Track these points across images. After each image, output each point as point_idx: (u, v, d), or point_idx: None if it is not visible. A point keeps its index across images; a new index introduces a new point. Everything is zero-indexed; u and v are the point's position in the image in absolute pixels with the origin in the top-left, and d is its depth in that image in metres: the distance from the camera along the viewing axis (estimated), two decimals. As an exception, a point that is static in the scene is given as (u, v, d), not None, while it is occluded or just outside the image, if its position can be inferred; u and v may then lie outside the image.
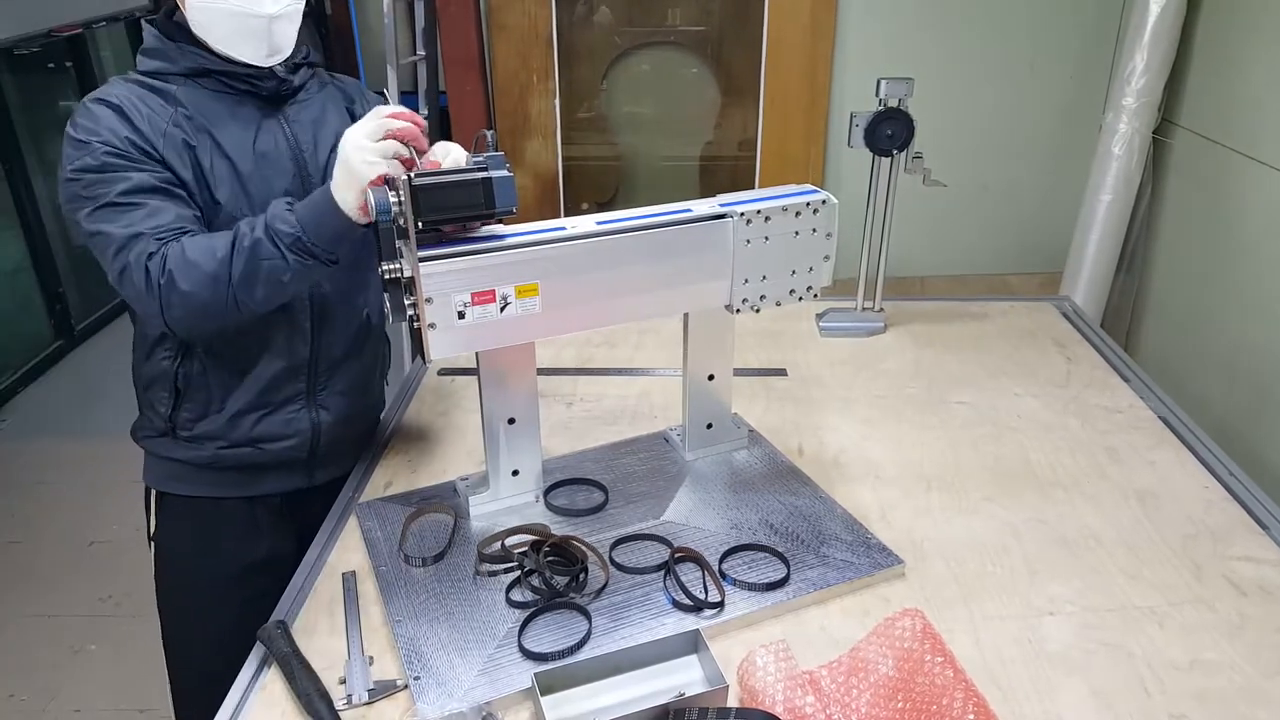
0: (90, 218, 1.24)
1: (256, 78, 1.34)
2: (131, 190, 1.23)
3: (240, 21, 1.28)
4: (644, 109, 3.31)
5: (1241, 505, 1.44)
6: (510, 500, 1.42)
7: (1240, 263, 2.24)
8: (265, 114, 1.36)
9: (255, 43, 1.30)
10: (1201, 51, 2.44)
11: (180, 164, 1.29)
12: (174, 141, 1.28)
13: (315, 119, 1.41)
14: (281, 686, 1.12)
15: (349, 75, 1.55)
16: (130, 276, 1.22)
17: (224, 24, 1.28)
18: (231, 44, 1.30)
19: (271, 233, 1.20)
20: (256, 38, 1.30)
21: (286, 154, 1.37)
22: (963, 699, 1.02)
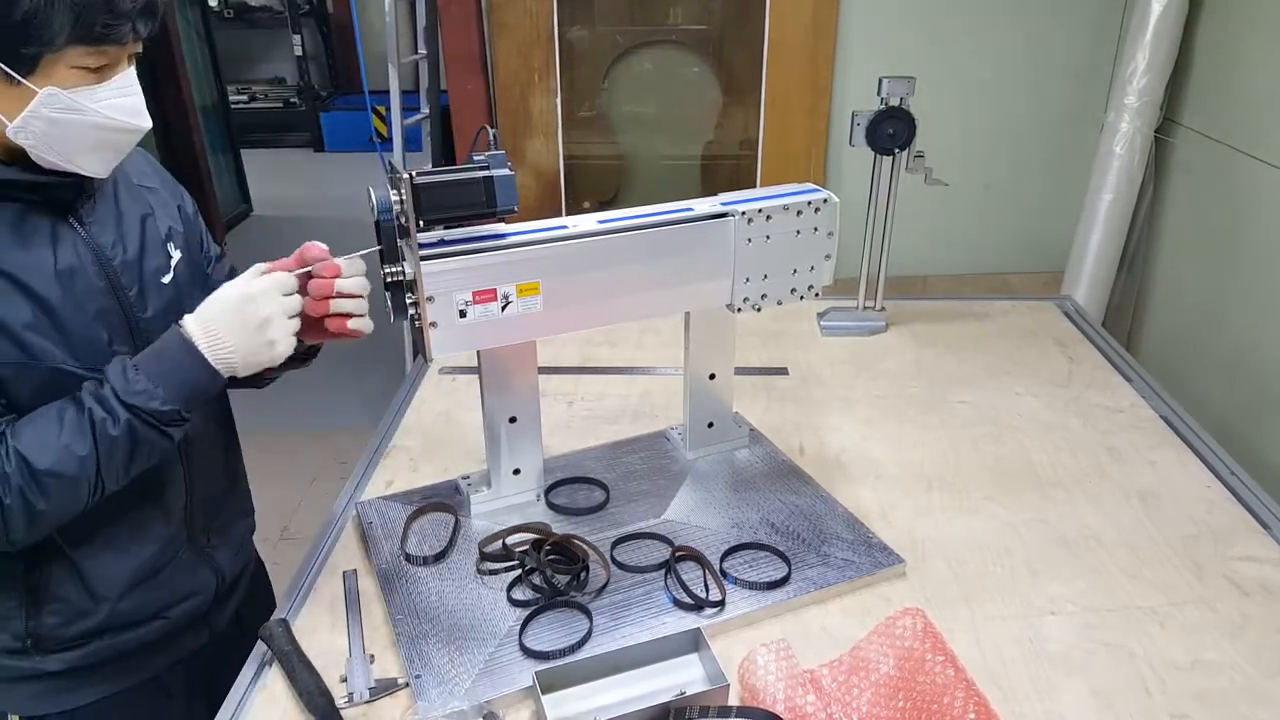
0: None
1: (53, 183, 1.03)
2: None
3: (106, 136, 1.02)
4: (645, 108, 3.31)
5: (1243, 505, 1.44)
6: (511, 499, 1.43)
7: (1242, 262, 2.24)
8: (55, 223, 1.06)
9: (109, 157, 1.06)
10: (1204, 50, 2.44)
11: None
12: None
13: (113, 214, 1.13)
14: (283, 685, 1.12)
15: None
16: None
17: (83, 137, 1.00)
18: (77, 158, 1.02)
19: (141, 414, 1.02)
20: (115, 152, 1.06)
21: (92, 268, 1.08)
22: (963, 698, 1.02)
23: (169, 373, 1.04)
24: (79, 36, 0.95)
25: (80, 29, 0.94)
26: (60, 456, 1.00)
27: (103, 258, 1.09)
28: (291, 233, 6.75)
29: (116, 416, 1.01)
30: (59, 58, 0.95)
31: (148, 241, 1.15)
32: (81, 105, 0.98)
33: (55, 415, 1.01)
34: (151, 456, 1.07)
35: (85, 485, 1.02)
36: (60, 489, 1.00)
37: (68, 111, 0.97)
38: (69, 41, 0.94)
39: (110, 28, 0.96)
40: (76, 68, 0.97)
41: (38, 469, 0.99)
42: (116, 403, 1.01)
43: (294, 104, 8.24)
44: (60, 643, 1.16)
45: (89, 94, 0.98)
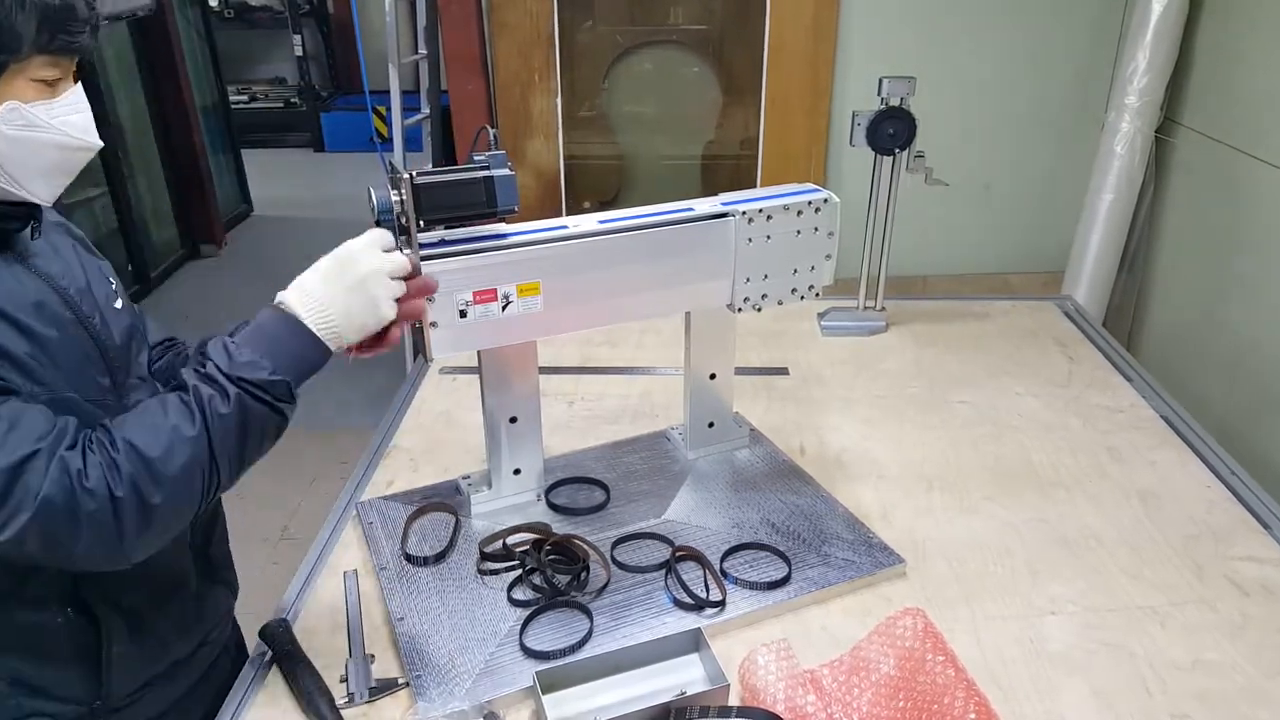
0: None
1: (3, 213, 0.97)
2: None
3: (63, 155, 0.97)
4: (646, 108, 3.31)
5: (1243, 505, 1.44)
6: (512, 499, 1.43)
7: (1243, 262, 2.24)
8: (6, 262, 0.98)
9: (61, 179, 0.99)
10: (1204, 50, 2.44)
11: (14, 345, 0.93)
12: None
13: (47, 246, 1.06)
14: (283, 685, 1.12)
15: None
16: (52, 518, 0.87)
17: (39, 157, 0.95)
18: (33, 181, 0.96)
19: (249, 386, 0.96)
20: (65, 174, 1.00)
21: (54, 299, 1.01)
22: (964, 698, 1.02)
23: (272, 346, 0.99)
24: (43, 44, 0.92)
25: (43, 36, 0.91)
26: (171, 440, 0.92)
27: (58, 288, 1.02)
28: (292, 233, 6.75)
29: (225, 392, 0.95)
30: (21, 69, 0.92)
31: (88, 269, 1.10)
32: (40, 120, 0.94)
33: (156, 404, 0.96)
34: (264, 440, 1.00)
35: (200, 474, 0.94)
36: (173, 476, 0.92)
37: (27, 129, 0.93)
38: (32, 50, 0.91)
39: (72, 34, 0.93)
40: (35, 80, 0.93)
41: (150, 456, 0.91)
42: (223, 377, 0.96)
43: (294, 104, 8.24)
44: (126, 698, 1.12)
45: (45, 109, 0.94)
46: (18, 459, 0.86)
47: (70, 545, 0.89)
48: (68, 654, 1.05)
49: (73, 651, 1.05)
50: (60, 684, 1.06)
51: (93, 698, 1.08)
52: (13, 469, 0.86)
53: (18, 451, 0.86)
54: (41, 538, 0.88)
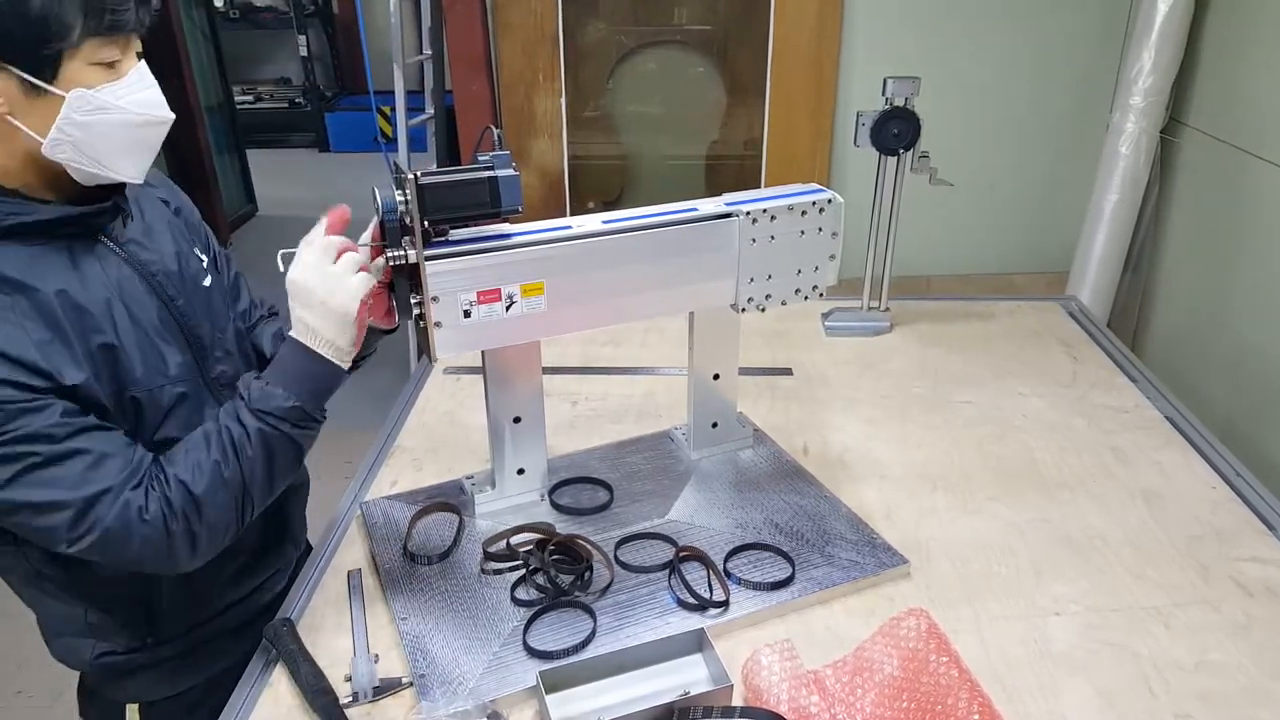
0: None
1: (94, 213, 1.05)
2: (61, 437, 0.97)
3: (135, 134, 1.02)
4: (650, 108, 3.31)
5: (1248, 506, 1.44)
6: (515, 499, 1.43)
7: (1248, 263, 2.24)
8: (89, 252, 1.07)
9: (144, 156, 1.06)
10: (1210, 50, 2.43)
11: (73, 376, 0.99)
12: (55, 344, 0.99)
13: (141, 228, 1.14)
14: (287, 684, 1.12)
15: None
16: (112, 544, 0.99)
17: (112, 138, 1.00)
18: (116, 161, 1.02)
19: (268, 417, 1.05)
20: (147, 150, 1.06)
21: (141, 287, 1.10)
22: (967, 699, 1.02)
23: (288, 373, 1.08)
24: (92, 28, 0.95)
25: (92, 19, 0.95)
26: (212, 478, 1.04)
27: (147, 275, 1.12)
28: (296, 233, 6.76)
29: (248, 429, 1.05)
30: (76, 54, 0.96)
31: (181, 249, 1.19)
32: (109, 103, 0.99)
33: (202, 438, 1.06)
34: (288, 464, 1.09)
35: (237, 505, 1.06)
36: (216, 510, 1.04)
37: (98, 112, 0.98)
38: (83, 34, 0.95)
39: (118, 13, 0.97)
40: (94, 64, 0.98)
41: (196, 494, 1.03)
42: (247, 413, 1.06)
43: (299, 104, 8.25)
44: (177, 632, 1.25)
45: (113, 90, 0.99)
46: (93, 493, 0.98)
47: (127, 561, 1.03)
48: (125, 601, 1.19)
49: (130, 600, 1.19)
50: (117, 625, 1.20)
51: (144, 636, 1.22)
52: (88, 500, 0.98)
53: (95, 487, 0.98)
54: (102, 554, 1.01)
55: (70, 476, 0.97)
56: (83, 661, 1.23)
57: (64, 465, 0.97)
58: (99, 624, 1.20)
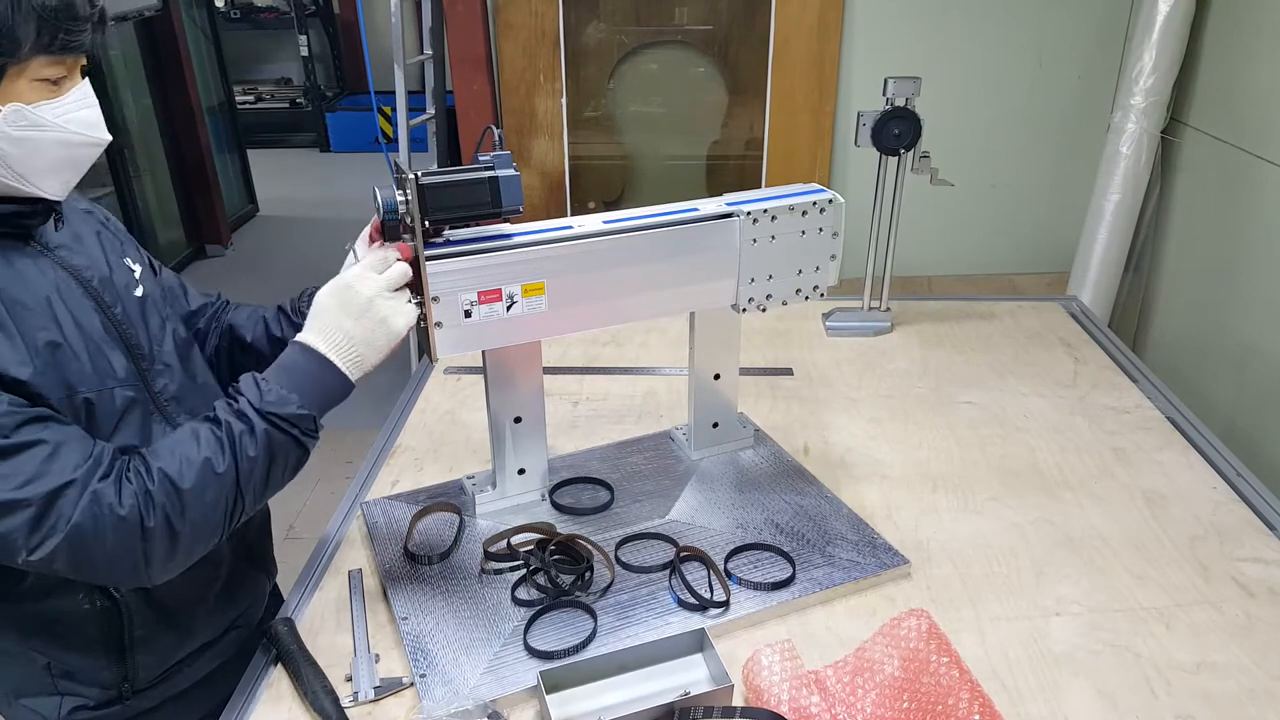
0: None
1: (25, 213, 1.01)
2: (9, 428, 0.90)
3: (69, 152, 0.99)
4: (651, 108, 3.30)
5: (1249, 506, 1.44)
6: (516, 499, 1.43)
7: (1249, 263, 2.23)
8: (20, 252, 1.02)
9: (70, 175, 1.01)
10: (1210, 50, 2.43)
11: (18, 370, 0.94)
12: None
13: (70, 235, 1.09)
14: (288, 684, 1.12)
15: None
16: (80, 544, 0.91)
17: (43, 154, 0.97)
18: (41, 178, 0.98)
19: (277, 420, 1.01)
20: (76, 170, 1.02)
21: (79, 292, 1.05)
22: (968, 699, 1.02)
23: (300, 381, 1.04)
24: (43, 45, 0.92)
25: (44, 37, 0.92)
26: (202, 473, 0.97)
27: (82, 280, 1.06)
28: (298, 233, 6.76)
29: (254, 426, 1.00)
30: (21, 70, 0.93)
31: (110, 258, 1.13)
32: (44, 120, 0.95)
33: (189, 434, 1.00)
34: (287, 470, 1.05)
35: (224, 505, 0.99)
36: (203, 509, 0.97)
37: (31, 128, 0.94)
38: (32, 51, 0.92)
39: (72, 34, 0.94)
40: (37, 80, 0.94)
41: (182, 488, 0.96)
42: (254, 413, 1.01)
43: (300, 104, 8.26)
44: (152, 680, 1.17)
45: (51, 108, 0.96)
46: (54, 487, 0.90)
47: (95, 567, 0.94)
48: (94, 640, 1.10)
49: (99, 638, 1.10)
50: (87, 669, 1.11)
51: (120, 681, 1.13)
52: (49, 496, 0.90)
53: (55, 481, 0.91)
54: (69, 559, 0.92)
55: (25, 471, 0.90)
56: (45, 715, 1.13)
57: (17, 458, 0.90)
58: (65, 673, 1.11)
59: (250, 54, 8.53)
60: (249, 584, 1.30)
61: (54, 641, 1.09)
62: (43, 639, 1.08)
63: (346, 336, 1.06)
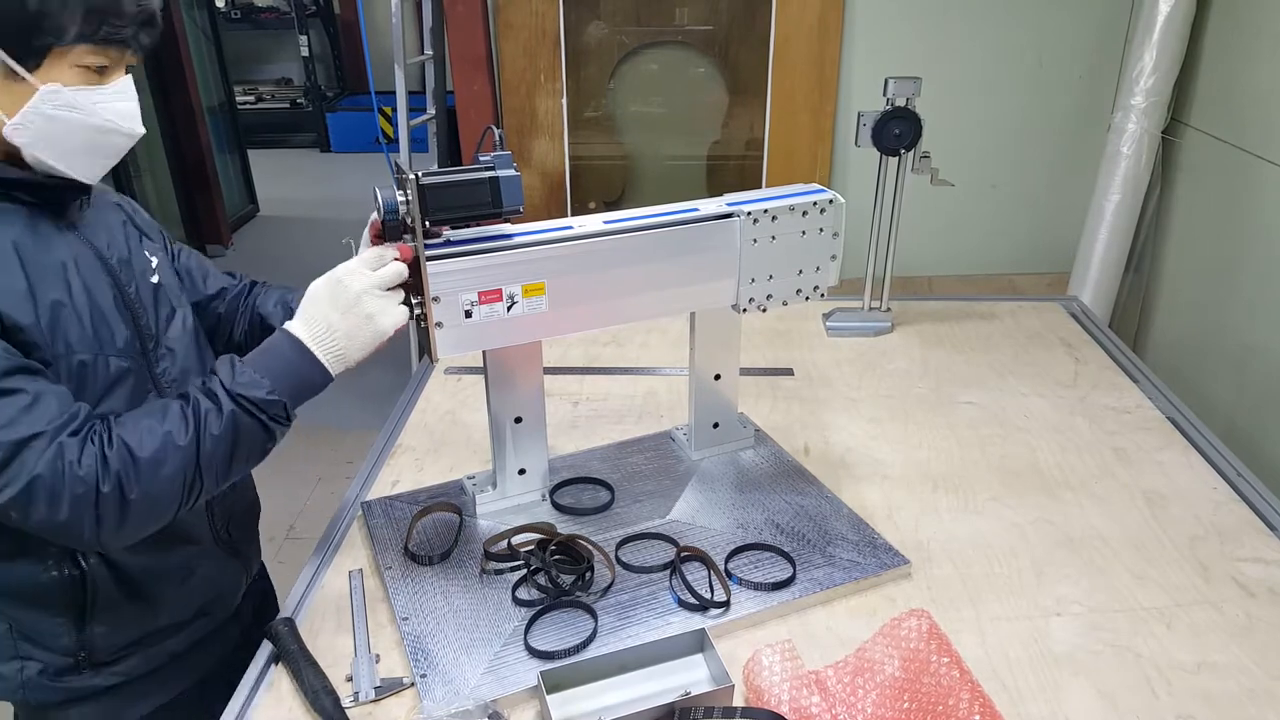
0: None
1: (61, 186, 1.06)
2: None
3: (100, 138, 1.03)
4: (651, 108, 3.30)
5: (1250, 506, 1.44)
6: (517, 499, 1.43)
7: (1250, 263, 2.23)
8: (57, 228, 1.07)
9: (102, 162, 1.06)
10: (1211, 51, 2.43)
11: (21, 315, 0.98)
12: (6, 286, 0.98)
13: (96, 218, 1.15)
14: (288, 684, 1.12)
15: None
16: (38, 495, 0.93)
17: (76, 137, 1.01)
18: (70, 159, 1.03)
19: (245, 402, 1.02)
20: (106, 156, 1.06)
21: (99, 270, 1.10)
22: (969, 699, 1.02)
23: (275, 366, 1.05)
24: (86, 34, 0.97)
25: (89, 26, 0.97)
26: (162, 444, 0.98)
27: (102, 257, 1.11)
28: (298, 233, 6.76)
29: (220, 406, 1.01)
30: (65, 54, 0.98)
31: (130, 244, 1.18)
32: (80, 104, 1.00)
33: (159, 408, 1.01)
34: (252, 455, 1.05)
35: (182, 479, 0.99)
36: (157, 480, 0.97)
37: (66, 109, 0.99)
38: (77, 38, 0.97)
39: (116, 29, 0.99)
40: (79, 67, 0.99)
41: (139, 456, 0.97)
42: (222, 391, 1.02)
43: (300, 105, 8.27)
44: (112, 653, 1.17)
45: (88, 94, 1.01)
46: (24, 436, 0.93)
47: (49, 521, 0.95)
48: (57, 604, 1.11)
49: (62, 602, 1.11)
50: (49, 633, 1.13)
51: (77, 648, 1.14)
52: (17, 444, 0.92)
53: (26, 430, 0.93)
54: (24, 510, 0.94)
55: (1, 415, 0.92)
56: (12, 688, 1.14)
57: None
58: (25, 635, 1.12)
59: (251, 54, 8.54)
60: (222, 572, 1.29)
61: (17, 604, 1.11)
62: (7, 602, 1.11)
63: (330, 329, 1.07)
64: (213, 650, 1.29)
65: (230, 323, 1.35)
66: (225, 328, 1.35)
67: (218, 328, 1.35)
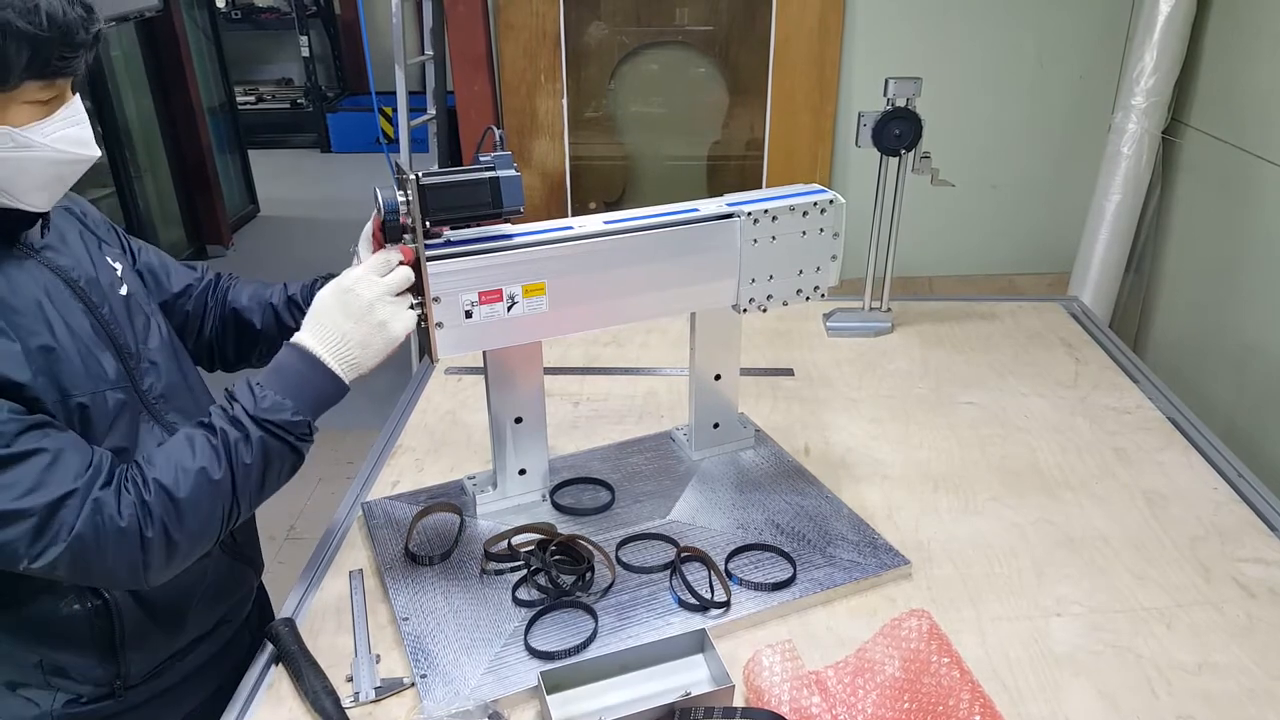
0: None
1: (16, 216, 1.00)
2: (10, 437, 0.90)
3: (57, 169, 0.98)
4: (651, 108, 3.30)
5: (1250, 507, 1.44)
6: (517, 499, 1.43)
7: (1250, 263, 2.23)
8: (7, 255, 1.00)
9: (56, 189, 1.01)
10: (1211, 51, 2.43)
11: (16, 373, 0.94)
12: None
13: (60, 236, 1.09)
14: (289, 684, 1.12)
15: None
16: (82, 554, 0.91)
17: (29, 173, 0.96)
18: (29, 195, 0.98)
19: (273, 428, 1.01)
20: (63, 184, 1.02)
21: (70, 298, 1.04)
22: (969, 700, 1.02)
23: (294, 385, 1.04)
24: (35, 72, 0.92)
25: (36, 64, 0.91)
26: (198, 482, 0.97)
27: (69, 280, 1.05)
28: (298, 233, 6.77)
29: (249, 434, 1.00)
30: (12, 96, 0.92)
31: (93, 256, 1.12)
32: (32, 141, 0.94)
33: (185, 441, 1.00)
34: (281, 475, 1.05)
35: (221, 511, 1.00)
36: (199, 517, 0.98)
37: (19, 149, 0.94)
38: (23, 77, 0.91)
39: (65, 60, 0.94)
40: (28, 103, 0.94)
41: (178, 497, 0.96)
42: (248, 420, 1.01)
43: (301, 105, 8.26)
44: (148, 674, 1.17)
45: (39, 129, 0.95)
46: (56, 497, 0.91)
47: (97, 573, 0.95)
48: (86, 640, 1.09)
49: (90, 637, 1.10)
50: (80, 668, 1.11)
51: (112, 678, 1.13)
52: (51, 506, 0.90)
53: (57, 491, 0.91)
54: (71, 567, 0.93)
55: (26, 480, 0.90)
56: (43, 713, 1.11)
57: (18, 467, 0.90)
58: (57, 669, 1.10)
59: (251, 54, 8.53)
60: (237, 580, 1.30)
61: (44, 641, 1.09)
62: (34, 638, 1.08)
63: (344, 339, 1.07)
64: (229, 658, 1.28)
65: (199, 319, 1.31)
66: (194, 324, 1.31)
67: (185, 325, 1.30)
